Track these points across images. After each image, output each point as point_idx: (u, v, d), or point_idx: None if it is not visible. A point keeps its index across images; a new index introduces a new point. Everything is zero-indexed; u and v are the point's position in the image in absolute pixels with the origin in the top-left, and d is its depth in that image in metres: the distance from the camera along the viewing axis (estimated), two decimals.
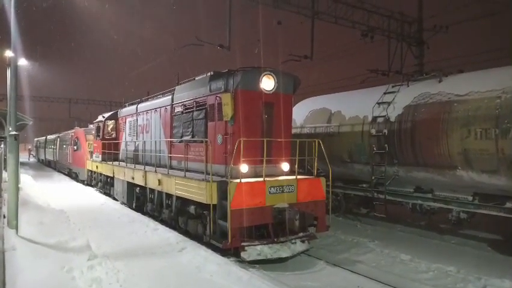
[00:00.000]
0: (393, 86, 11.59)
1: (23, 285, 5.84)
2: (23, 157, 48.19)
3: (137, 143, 14.23)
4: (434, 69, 11.92)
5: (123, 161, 14.90)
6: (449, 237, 10.25)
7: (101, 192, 18.14)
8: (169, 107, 11.59)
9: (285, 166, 9.16)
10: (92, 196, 17.44)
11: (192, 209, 9.11)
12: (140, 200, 13.01)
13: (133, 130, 14.76)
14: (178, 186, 9.48)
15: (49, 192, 17.54)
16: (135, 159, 13.86)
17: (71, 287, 6.08)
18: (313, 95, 15.78)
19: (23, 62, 21.18)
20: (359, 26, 16.31)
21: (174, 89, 11.56)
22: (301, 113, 14.19)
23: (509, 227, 8.97)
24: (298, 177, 8.69)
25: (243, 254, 7.62)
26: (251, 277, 6.83)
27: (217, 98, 8.99)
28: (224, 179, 8.27)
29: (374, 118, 11.26)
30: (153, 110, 12.77)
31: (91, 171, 19.88)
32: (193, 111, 10.14)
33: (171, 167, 10.92)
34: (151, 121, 12.96)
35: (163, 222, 11.15)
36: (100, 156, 17.26)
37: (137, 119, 14.33)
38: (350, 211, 13.03)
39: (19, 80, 17.41)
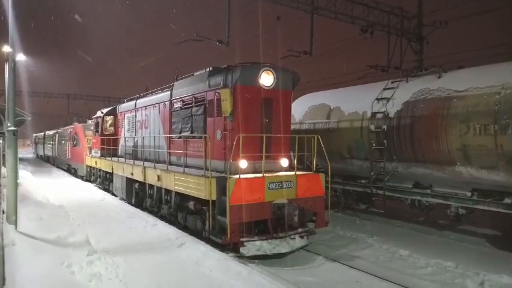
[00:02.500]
0: (392, 82, 11.58)
1: (22, 280, 5.84)
2: (22, 153, 48.14)
3: (136, 138, 14.21)
4: (434, 65, 11.89)
5: (122, 157, 14.89)
6: (447, 232, 10.27)
7: (100, 188, 18.13)
8: (167, 103, 11.56)
9: (284, 162, 9.16)
10: (91, 192, 17.44)
11: (191, 204, 9.12)
12: (140, 195, 13.01)
13: (132, 126, 14.74)
14: (177, 182, 9.48)
15: (48, 188, 17.54)
16: (134, 155, 13.84)
17: (71, 282, 6.09)
18: (312, 91, 15.76)
19: (21, 57, 21.05)
20: (359, 21, 16.26)
21: (173, 85, 11.53)
22: (301, 108, 14.17)
23: (508, 222, 9.00)
24: (298, 173, 8.71)
25: (242, 250, 7.64)
26: (250, 272, 6.85)
27: (216, 93, 8.97)
28: (223, 174, 8.27)
29: (373, 114, 11.25)
30: (152, 106, 12.74)
31: (90, 167, 19.87)
32: (192, 106, 10.12)
33: (170, 163, 10.90)
34: (149, 117, 12.94)
35: (162, 217, 11.16)
36: (99, 152, 17.24)
37: (136, 115, 14.31)
38: (349, 207, 13.05)
39: (17, 75, 17.33)
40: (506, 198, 8.71)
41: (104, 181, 17.23)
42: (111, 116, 17.02)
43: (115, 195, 15.60)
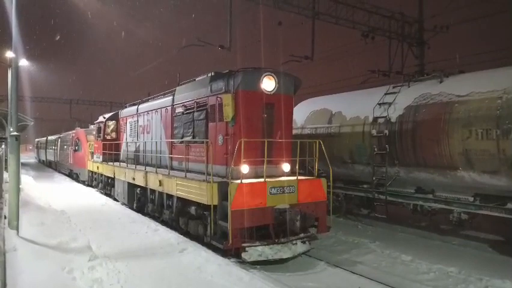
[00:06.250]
0: (394, 87, 11.58)
1: (23, 286, 5.83)
2: (24, 158, 48.22)
3: (138, 143, 14.23)
4: (435, 69, 11.93)
5: (124, 162, 14.90)
6: (450, 238, 10.23)
7: (101, 193, 18.14)
8: (169, 108, 11.59)
9: (286, 167, 9.15)
10: (93, 197, 17.44)
11: (192, 209, 9.11)
12: (141, 200, 13.00)
13: (134, 131, 14.77)
14: (178, 187, 9.47)
15: (50, 193, 17.54)
16: (136, 159, 13.86)
17: (72, 287, 6.08)
18: (314, 96, 15.78)
19: (24, 62, 21.18)
20: (360, 26, 16.32)
21: (175, 90, 11.57)
22: (302, 113, 14.18)
23: (510, 227, 8.95)
24: (299, 177, 8.69)
25: (243, 255, 7.61)
26: (252, 278, 6.83)
27: (218, 98, 8.99)
28: (225, 179, 8.27)
29: (375, 119, 11.24)
30: (154, 111, 12.77)
31: (92, 172, 19.88)
32: (193, 111, 10.14)
33: (172, 168, 10.92)
34: (151, 122, 12.97)
35: (163, 223, 11.15)
36: (101, 156, 17.26)
37: (138, 120, 14.34)
38: (350, 212, 13.01)
39: (20, 80, 17.42)
40: (508, 203, 8.67)
41: (106, 186, 17.23)
42: (113, 121, 17.06)
43: (117, 201, 15.60)
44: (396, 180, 10.94)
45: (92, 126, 23.85)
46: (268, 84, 8.86)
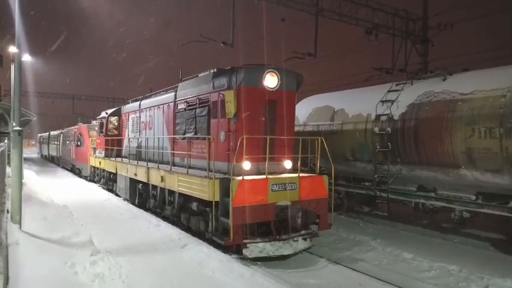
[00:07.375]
0: (397, 84, 11.54)
1: (25, 280, 5.85)
2: (27, 153, 48.36)
3: (140, 139, 14.25)
4: (439, 67, 11.87)
5: (126, 158, 14.94)
6: (451, 236, 10.21)
7: (104, 188, 18.20)
8: (172, 104, 11.59)
9: (288, 164, 9.15)
10: (95, 192, 17.50)
11: (194, 205, 9.13)
12: (143, 196, 13.04)
13: (136, 126, 14.78)
14: (180, 183, 9.49)
15: (52, 188, 17.61)
16: (138, 155, 13.89)
17: (74, 282, 6.10)
18: (316, 93, 15.75)
19: (27, 57, 21.18)
20: (363, 23, 16.26)
21: (177, 86, 11.56)
22: (305, 110, 14.15)
23: None
24: (301, 175, 8.69)
25: (245, 251, 7.63)
26: (253, 274, 6.85)
27: (220, 95, 8.98)
28: (226, 176, 8.27)
29: (378, 116, 11.21)
30: (156, 107, 12.78)
31: (94, 167, 19.95)
32: (196, 108, 10.13)
33: (174, 164, 10.93)
34: (154, 118, 12.97)
35: (165, 218, 11.18)
36: (103, 152, 17.30)
37: (140, 116, 14.35)
38: (352, 209, 13.01)
39: (23, 75, 17.44)
40: (511, 202, 8.65)
41: (108, 181, 17.28)
42: (115, 117, 17.08)
43: (119, 196, 15.64)
44: (398, 178, 10.92)
45: (94, 122, 23.87)
46: (270, 80, 8.85)
